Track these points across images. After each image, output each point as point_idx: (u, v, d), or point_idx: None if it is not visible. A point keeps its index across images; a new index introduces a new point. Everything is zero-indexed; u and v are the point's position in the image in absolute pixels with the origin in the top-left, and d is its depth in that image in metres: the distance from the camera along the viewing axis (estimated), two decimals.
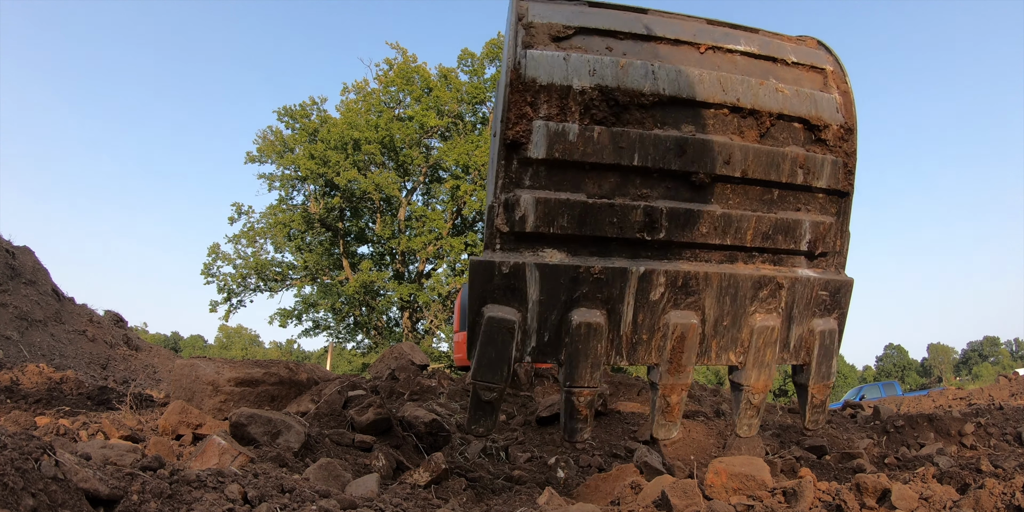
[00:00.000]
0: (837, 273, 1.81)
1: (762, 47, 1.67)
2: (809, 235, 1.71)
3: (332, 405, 3.70)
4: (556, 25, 1.50)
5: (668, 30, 1.60)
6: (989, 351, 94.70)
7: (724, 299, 1.59)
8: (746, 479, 2.54)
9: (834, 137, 1.65)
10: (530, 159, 1.46)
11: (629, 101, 1.46)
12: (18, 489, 1.36)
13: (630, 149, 1.46)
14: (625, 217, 1.49)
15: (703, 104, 1.51)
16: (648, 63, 1.50)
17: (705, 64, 1.56)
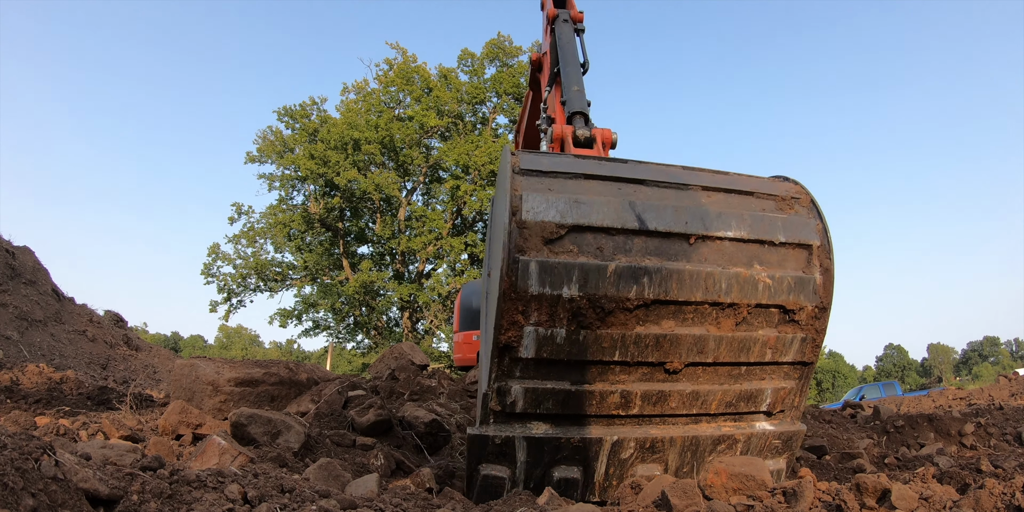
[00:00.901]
0: (792, 424, 1.95)
1: (752, 229, 1.70)
2: (770, 399, 1.88)
3: (332, 405, 3.70)
4: (549, 225, 1.55)
5: (659, 221, 1.62)
6: (989, 351, 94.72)
7: (686, 454, 1.88)
8: (746, 479, 2.54)
9: (807, 317, 1.76)
10: (520, 358, 1.65)
11: (615, 306, 1.58)
12: (18, 489, 1.36)
13: (612, 347, 1.63)
14: (603, 399, 1.73)
15: (686, 302, 1.63)
16: (635, 267, 1.57)
17: (693, 257, 1.64)
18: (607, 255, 1.56)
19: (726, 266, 1.65)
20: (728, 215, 1.68)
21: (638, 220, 1.60)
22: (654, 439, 1.76)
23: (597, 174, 1.70)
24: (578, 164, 1.71)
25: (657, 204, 1.64)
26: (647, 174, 1.75)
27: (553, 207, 1.57)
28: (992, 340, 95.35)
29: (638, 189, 1.68)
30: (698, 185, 1.77)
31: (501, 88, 26.53)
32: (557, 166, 1.68)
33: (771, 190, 1.84)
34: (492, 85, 26.90)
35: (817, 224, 1.77)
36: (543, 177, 1.64)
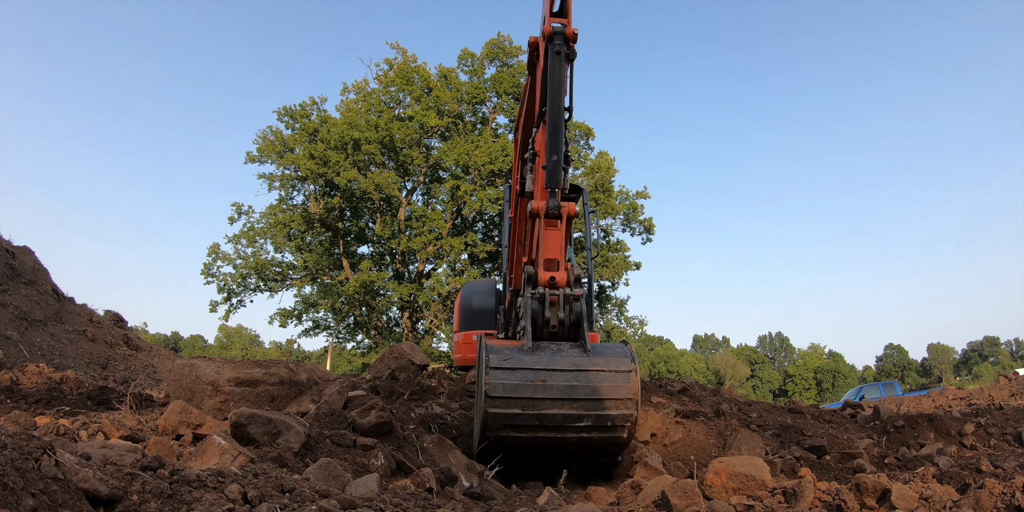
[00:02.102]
0: None
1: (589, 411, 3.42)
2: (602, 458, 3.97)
3: (332, 405, 3.70)
4: (500, 400, 3.37)
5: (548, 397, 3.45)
6: (989, 351, 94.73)
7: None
8: (746, 479, 2.55)
9: (616, 450, 3.85)
10: (490, 437, 3.55)
11: (527, 429, 3.49)
12: (18, 489, 1.36)
13: (527, 440, 3.54)
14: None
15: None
16: (537, 414, 3.43)
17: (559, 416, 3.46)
18: (526, 432, 3.51)
19: (578, 434, 3.46)
20: (585, 416, 3.42)
21: (539, 421, 3.39)
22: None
23: (524, 367, 3.36)
24: (515, 361, 3.39)
25: (549, 414, 3.37)
26: (553, 365, 3.37)
27: (502, 417, 3.39)
28: (992, 340, 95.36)
29: (542, 403, 3.35)
30: (577, 398, 3.33)
31: (501, 88, 26.52)
32: (507, 391, 3.34)
33: (616, 367, 3.42)
34: (492, 85, 26.87)
35: (633, 414, 3.45)
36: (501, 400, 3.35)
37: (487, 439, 3.44)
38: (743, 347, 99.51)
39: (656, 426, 4.52)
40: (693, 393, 5.95)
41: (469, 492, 2.92)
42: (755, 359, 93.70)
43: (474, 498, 2.88)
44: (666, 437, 4.46)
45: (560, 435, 3.36)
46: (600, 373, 3.36)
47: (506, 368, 3.34)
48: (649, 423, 4.54)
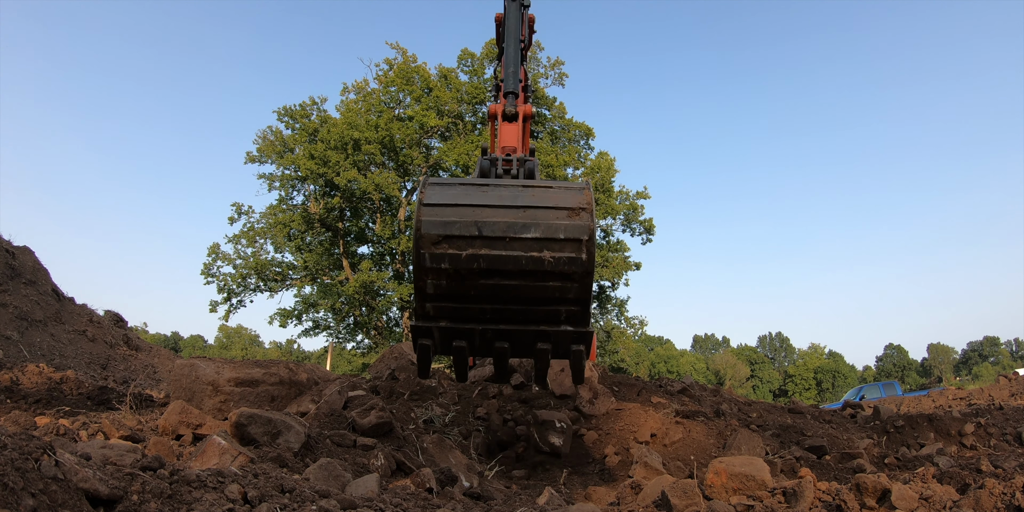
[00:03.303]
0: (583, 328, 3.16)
1: (544, 232, 3.00)
2: (564, 314, 3.12)
3: (332, 405, 3.70)
4: (433, 236, 3.01)
5: (490, 231, 3.03)
6: (989, 351, 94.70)
7: (519, 341, 3.16)
8: (746, 479, 2.55)
9: (579, 277, 3.05)
10: (428, 293, 3.07)
11: (467, 273, 3.01)
12: (18, 489, 1.36)
13: (469, 288, 3.04)
14: (472, 311, 3.11)
15: (504, 270, 3.00)
16: (477, 254, 3.00)
17: (508, 247, 3.00)
18: (464, 248, 3.01)
19: (527, 252, 2.98)
20: (532, 225, 3.02)
21: (478, 231, 3.01)
22: (502, 330, 3.09)
23: (463, 203, 3.09)
24: (453, 196, 3.12)
25: (490, 221, 3.03)
26: (492, 200, 3.10)
27: (435, 226, 3.01)
28: (992, 340, 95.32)
29: (483, 211, 3.06)
30: (522, 205, 3.07)
31: None
32: (443, 198, 3.10)
33: (568, 203, 3.08)
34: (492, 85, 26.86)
35: (589, 226, 3.01)
36: (435, 208, 3.07)
37: (422, 277, 3.07)
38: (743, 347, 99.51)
39: (656, 426, 4.52)
40: (693, 393, 5.95)
41: (469, 492, 2.91)
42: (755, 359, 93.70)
43: (474, 498, 2.88)
44: (666, 437, 4.45)
45: (505, 252, 2.98)
46: (550, 188, 3.16)
47: (445, 184, 3.19)
48: (649, 423, 4.54)
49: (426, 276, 3.00)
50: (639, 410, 4.62)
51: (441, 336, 3.12)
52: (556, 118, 28.54)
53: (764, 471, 2.60)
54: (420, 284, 3.03)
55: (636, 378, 5.93)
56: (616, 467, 4.03)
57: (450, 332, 3.11)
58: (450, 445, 3.68)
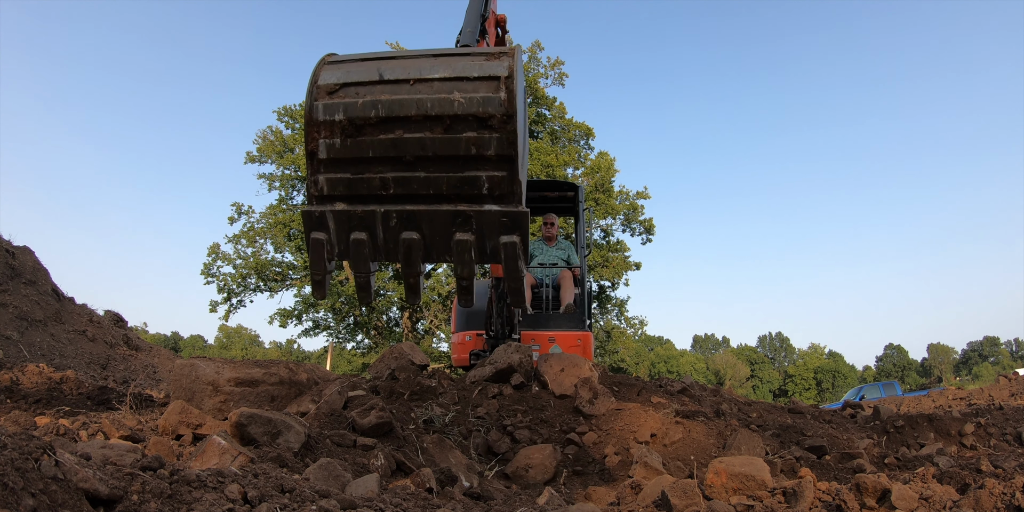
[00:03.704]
0: (515, 206, 2.59)
1: (454, 71, 2.59)
2: (487, 184, 2.56)
3: (332, 405, 3.70)
4: (330, 85, 2.63)
5: (391, 74, 2.62)
6: (989, 351, 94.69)
7: (434, 226, 2.60)
8: (746, 479, 2.55)
9: (498, 122, 2.52)
10: (320, 159, 2.62)
11: (364, 123, 2.56)
12: (18, 489, 1.36)
13: (367, 148, 2.57)
14: (371, 183, 2.60)
15: (407, 117, 2.55)
16: (376, 100, 2.58)
17: (412, 91, 2.59)
18: (361, 96, 2.59)
19: (434, 94, 2.55)
20: (441, 65, 2.62)
21: (379, 75, 2.62)
22: (409, 212, 2.60)
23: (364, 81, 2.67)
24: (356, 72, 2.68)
25: (395, 66, 2.64)
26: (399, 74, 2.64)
27: (333, 75, 2.63)
28: (992, 340, 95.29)
29: (388, 63, 2.67)
30: (432, 54, 2.69)
31: None
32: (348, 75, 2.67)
33: (486, 51, 2.68)
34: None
35: (509, 63, 2.57)
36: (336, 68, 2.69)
37: (314, 135, 2.64)
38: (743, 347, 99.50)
39: (656, 426, 4.51)
40: (693, 393, 5.95)
41: (469, 492, 2.92)
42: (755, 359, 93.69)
43: (474, 498, 2.88)
44: (666, 437, 4.45)
45: (408, 96, 2.56)
46: (467, 55, 2.71)
47: (345, 60, 2.77)
48: (649, 423, 4.54)
49: (318, 133, 2.62)
50: (639, 410, 4.62)
51: (337, 225, 2.64)
52: (556, 118, 28.52)
53: (764, 471, 2.60)
54: (312, 146, 2.62)
55: (636, 378, 5.93)
56: (616, 467, 4.03)
57: (347, 219, 2.62)
58: (450, 445, 3.68)
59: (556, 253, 8.38)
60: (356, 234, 2.64)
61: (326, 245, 2.68)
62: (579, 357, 5.18)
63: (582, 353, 7.39)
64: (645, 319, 31.53)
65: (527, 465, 3.73)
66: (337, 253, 2.71)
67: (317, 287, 2.82)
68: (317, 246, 2.69)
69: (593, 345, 8.22)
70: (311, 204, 2.69)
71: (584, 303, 7.91)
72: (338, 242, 2.69)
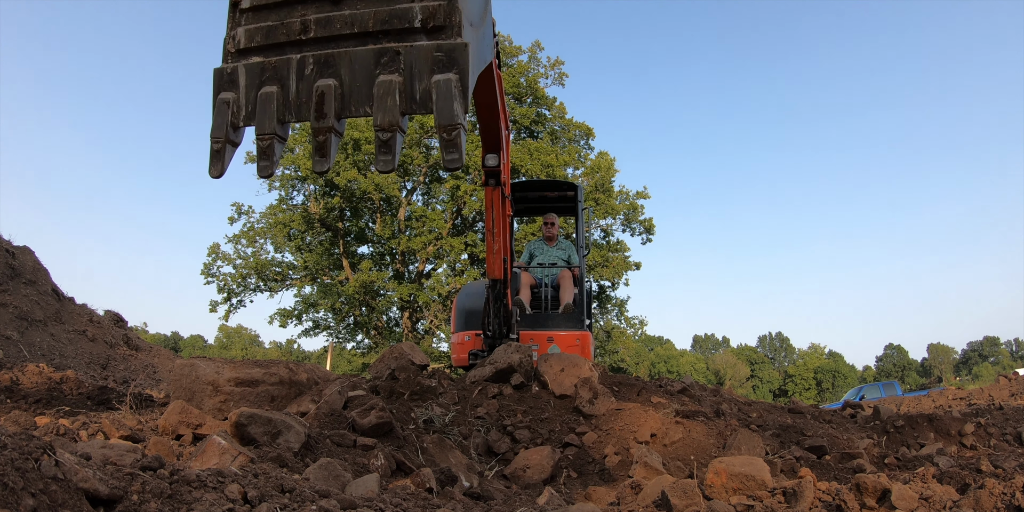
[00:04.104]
0: (453, 39, 2.27)
1: None
2: (420, 15, 2.26)
3: (332, 405, 3.70)
4: None
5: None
6: (989, 351, 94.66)
7: (356, 68, 2.28)
8: (746, 479, 2.55)
9: None
10: (243, 8, 2.43)
11: None
12: (18, 489, 1.36)
13: None
14: (291, 27, 2.35)
15: None
16: None
17: None
18: None
19: None
20: None
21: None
22: (328, 56, 2.31)
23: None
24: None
25: None
26: None
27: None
28: (992, 340, 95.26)
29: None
30: None
31: None
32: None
33: None
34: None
35: None
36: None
37: None
38: (743, 347, 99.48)
39: (656, 426, 4.51)
40: (693, 393, 5.95)
41: (469, 492, 2.92)
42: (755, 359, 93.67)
43: (474, 498, 2.88)
44: (666, 437, 4.45)
45: None
46: None
47: None
48: (649, 423, 4.54)
49: None
50: (639, 410, 4.62)
51: (248, 80, 2.39)
52: (556, 118, 28.51)
53: (764, 471, 2.60)
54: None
55: (636, 378, 5.93)
56: (616, 467, 4.03)
57: (260, 72, 2.37)
58: (450, 445, 3.68)
59: (556, 253, 8.38)
60: (266, 88, 2.37)
61: (232, 106, 2.43)
62: (579, 357, 5.18)
63: (581, 353, 7.39)
64: (645, 319, 31.57)
65: (527, 465, 3.74)
66: (244, 115, 2.43)
67: (215, 160, 2.45)
68: (222, 107, 2.43)
69: (592, 345, 8.23)
70: (225, 62, 2.49)
71: (584, 303, 7.91)
72: (247, 103, 2.42)
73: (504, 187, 5.72)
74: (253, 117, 2.41)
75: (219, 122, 2.42)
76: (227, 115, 2.42)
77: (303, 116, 2.35)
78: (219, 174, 2.46)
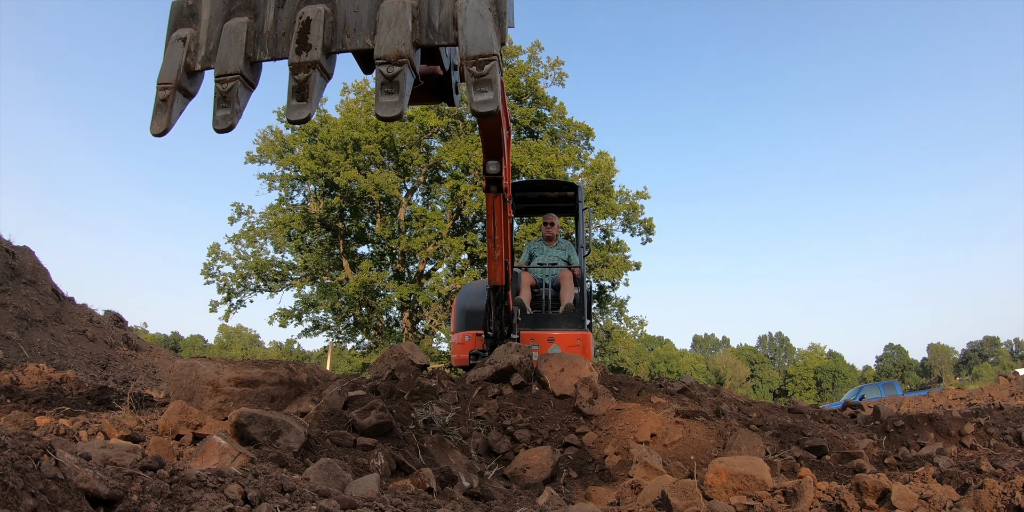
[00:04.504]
0: None
1: None
2: None
3: (332, 405, 3.70)
4: None
5: None
6: (989, 351, 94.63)
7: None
8: (746, 479, 2.55)
9: None
10: None
11: None
12: (18, 489, 1.36)
13: None
14: None
15: None
16: None
17: None
18: None
19: None
20: None
21: None
22: None
23: None
24: None
25: None
26: None
27: None
28: (992, 340, 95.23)
29: None
30: None
31: None
32: None
33: None
34: None
35: None
36: None
37: None
38: (743, 347, 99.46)
39: (656, 426, 4.51)
40: (693, 393, 5.95)
41: (469, 492, 2.92)
42: (755, 359, 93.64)
43: (474, 498, 2.88)
44: (666, 437, 4.45)
45: None
46: None
47: None
48: (649, 423, 4.53)
49: None
50: (639, 410, 4.62)
51: (212, 11, 2.04)
52: (556, 118, 28.52)
53: (764, 471, 2.60)
54: None
55: (636, 378, 5.93)
56: (616, 467, 4.03)
57: (228, 2, 2.01)
58: (450, 445, 3.68)
59: (556, 253, 8.38)
60: (235, 19, 1.97)
61: (188, 44, 2.00)
62: (579, 357, 5.18)
63: (581, 353, 7.39)
64: (645, 319, 31.59)
65: (527, 465, 3.73)
66: (203, 56, 2.01)
67: (159, 112, 1.99)
68: (176, 46, 1.99)
69: (593, 345, 8.23)
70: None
71: (584, 303, 7.92)
72: (209, 39, 1.99)
73: (506, 192, 5.72)
74: (215, 57, 1.96)
75: (169, 64, 1.98)
76: (181, 55, 1.99)
77: (280, 52, 1.97)
78: (162, 131, 2.00)
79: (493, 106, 1.80)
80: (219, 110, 1.98)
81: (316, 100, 1.89)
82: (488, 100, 1.79)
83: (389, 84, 1.81)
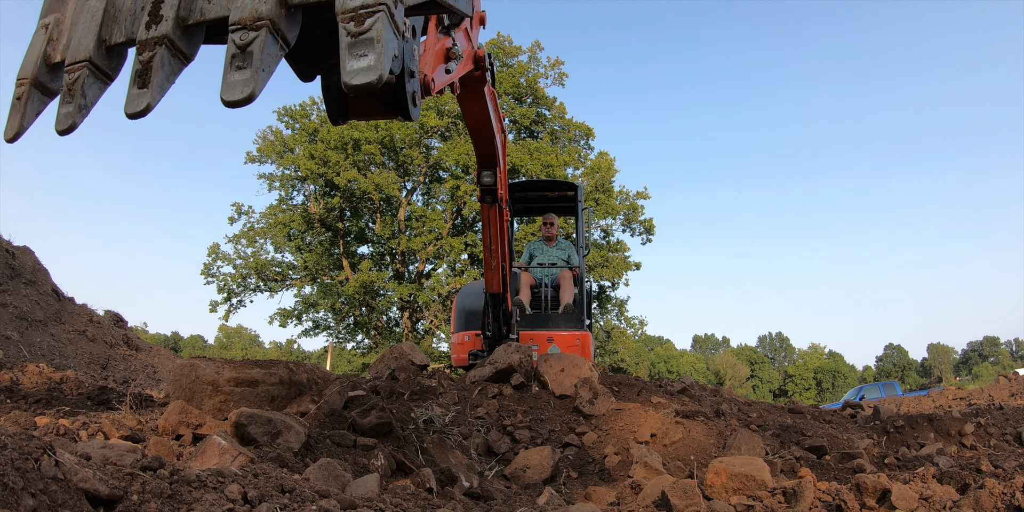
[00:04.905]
0: None
1: None
2: None
3: (332, 405, 3.70)
4: None
5: None
6: (989, 351, 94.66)
7: None
8: (746, 479, 2.55)
9: None
10: None
11: None
12: (18, 489, 1.36)
13: None
14: None
15: None
16: None
17: None
18: None
19: None
20: None
21: None
22: None
23: None
24: None
25: None
26: None
27: None
28: (992, 340, 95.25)
29: None
30: None
31: (501, 88, 26.51)
32: None
33: None
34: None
35: None
36: None
37: None
38: (743, 347, 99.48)
39: (656, 426, 4.51)
40: (693, 393, 5.95)
41: (469, 492, 2.92)
42: (755, 359, 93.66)
43: (474, 498, 2.88)
44: (666, 437, 4.45)
45: None
46: None
47: None
48: (649, 423, 4.54)
49: None
50: (639, 410, 4.62)
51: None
52: (556, 118, 28.52)
53: (764, 471, 2.60)
54: None
55: (636, 378, 5.93)
56: (616, 467, 4.03)
57: None
58: (450, 445, 3.68)
59: (556, 253, 8.38)
60: (92, 1, 1.68)
61: (51, 32, 1.73)
62: (579, 357, 5.18)
63: (581, 353, 7.40)
64: (645, 319, 31.60)
65: (527, 465, 3.74)
66: (63, 46, 1.71)
67: (13, 112, 1.69)
68: (39, 35, 1.72)
69: (592, 345, 8.24)
70: None
71: (584, 303, 7.92)
72: (72, 26, 1.71)
73: (502, 201, 5.71)
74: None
75: (28, 56, 1.71)
76: (41, 45, 1.70)
77: (136, 31, 1.63)
78: (14, 135, 1.70)
79: (372, 75, 1.34)
80: (62, 107, 1.66)
81: (162, 87, 1.56)
82: (366, 68, 1.35)
83: (241, 56, 1.43)
